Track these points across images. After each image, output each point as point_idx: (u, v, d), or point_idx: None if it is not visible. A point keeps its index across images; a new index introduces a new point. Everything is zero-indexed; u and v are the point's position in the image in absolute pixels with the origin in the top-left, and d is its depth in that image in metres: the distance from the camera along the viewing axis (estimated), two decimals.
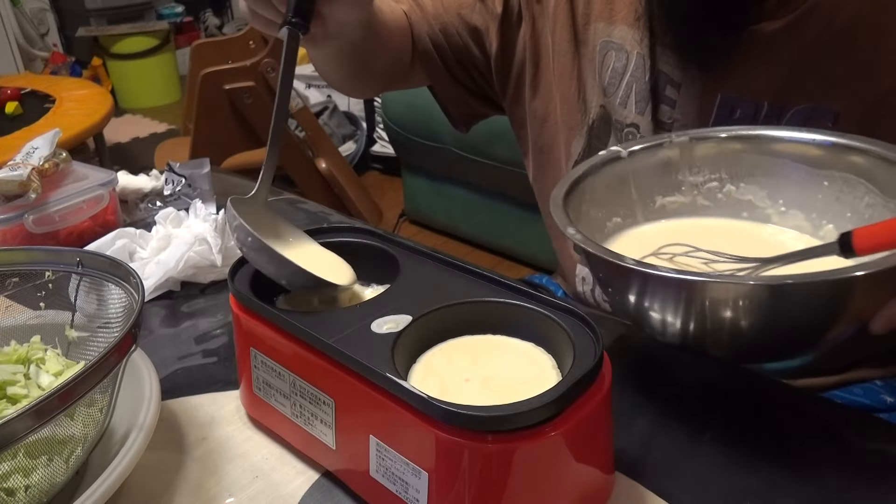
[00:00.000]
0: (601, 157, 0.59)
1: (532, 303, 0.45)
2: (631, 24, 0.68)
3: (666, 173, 0.61)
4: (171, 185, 0.91)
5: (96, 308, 0.52)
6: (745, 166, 0.60)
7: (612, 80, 0.70)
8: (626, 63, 0.69)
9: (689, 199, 0.62)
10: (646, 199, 0.62)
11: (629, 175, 0.61)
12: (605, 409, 0.41)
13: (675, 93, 0.67)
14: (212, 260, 0.72)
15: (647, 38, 0.67)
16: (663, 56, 0.67)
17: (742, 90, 0.63)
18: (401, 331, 0.43)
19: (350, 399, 0.43)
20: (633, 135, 0.70)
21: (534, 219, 2.09)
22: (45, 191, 0.76)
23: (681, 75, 0.66)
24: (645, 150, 0.60)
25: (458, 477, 0.37)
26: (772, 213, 0.60)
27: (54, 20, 4.22)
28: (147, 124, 3.89)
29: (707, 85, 0.65)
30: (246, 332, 0.49)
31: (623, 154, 0.60)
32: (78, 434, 0.43)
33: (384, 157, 3.00)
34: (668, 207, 0.62)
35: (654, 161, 0.61)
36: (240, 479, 0.48)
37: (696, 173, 0.61)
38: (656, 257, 0.55)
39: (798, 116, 0.61)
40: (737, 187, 0.61)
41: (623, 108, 0.70)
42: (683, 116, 0.67)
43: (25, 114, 2.36)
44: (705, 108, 0.65)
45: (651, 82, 0.67)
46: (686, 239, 0.55)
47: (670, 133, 0.61)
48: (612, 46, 0.70)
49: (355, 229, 0.56)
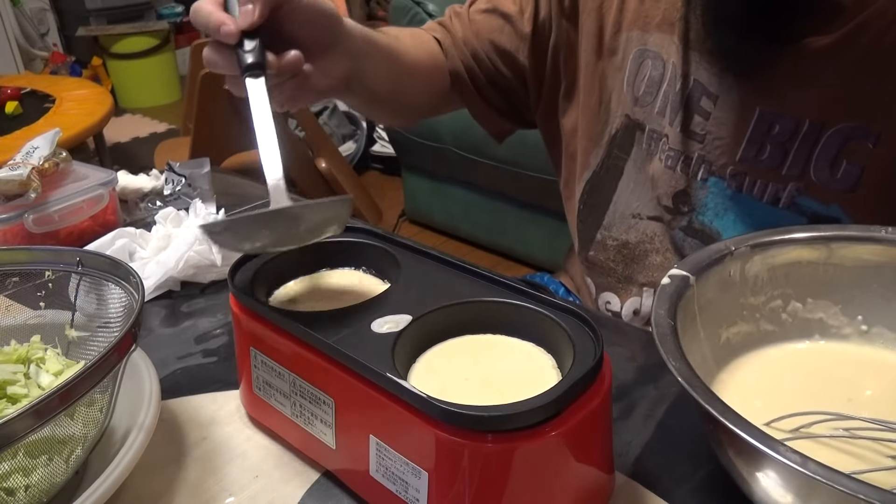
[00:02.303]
0: (670, 287, 0.48)
1: (532, 302, 0.45)
2: (666, 30, 0.67)
3: (726, 295, 0.51)
4: (171, 185, 0.91)
5: (96, 308, 0.52)
6: (810, 278, 0.52)
7: (650, 89, 0.69)
8: (664, 72, 0.67)
9: (753, 327, 0.52)
10: (711, 336, 0.51)
11: (696, 310, 0.49)
12: (606, 409, 0.41)
13: (711, 104, 0.65)
14: (212, 259, 0.72)
15: (681, 46, 0.65)
16: (700, 65, 0.65)
17: (783, 106, 0.61)
18: (401, 331, 0.43)
19: (350, 399, 0.43)
20: (665, 145, 0.68)
21: (534, 219, 2.10)
22: (45, 190, 0.75)
23: (718, 86, 0.64)
24: (707, 267, 0.50)
25: (457, 477, 0.37)
26: (850, 332, 0.52)
27: (54, 20, 4.22)
28: (147, 124, 3.89)
29: (746, 98, 0.62)
30: (246, 331, 0.49)
31: (691, 280, 0.48)
32: (78, 434, 0.43)
33: (384, 157, 3.00)
34: (733, 341, 0.52)
35: (715, 282, 0.50)
36: (240, 479, 0.48)
37: (757, 292, 0.52)
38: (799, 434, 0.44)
39: (837, 136, 0.59)
40: (804, 304, 0.52)
41: (661, 117, 0.68)
42: (717, 129, 0.65)
43: (25, 113, 2.35)
44: (742, 122, 0.63)
45: (683, 92, 0.66)
46: (787, 388, 0.46)
47: (726, 241, 0.52)
48: (649, 55, 0.68)
49: (355, 229, 0.56)
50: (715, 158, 0.65)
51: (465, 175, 2.19)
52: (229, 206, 0.84)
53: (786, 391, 0.48)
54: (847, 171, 0.60)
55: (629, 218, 0.73)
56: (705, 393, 0.38)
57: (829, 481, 0.32)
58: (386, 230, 0.56)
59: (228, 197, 0.92)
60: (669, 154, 0.68)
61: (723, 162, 0.65)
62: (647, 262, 0.73)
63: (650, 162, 0.70)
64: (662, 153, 0.69)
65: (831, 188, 0.61)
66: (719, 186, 0.66)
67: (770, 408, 0.45)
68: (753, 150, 0.63)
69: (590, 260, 0.78)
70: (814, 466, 0.33)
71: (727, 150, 0.64)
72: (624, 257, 0.75)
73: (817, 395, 0.48)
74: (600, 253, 0.77)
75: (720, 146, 0.65)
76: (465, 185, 2.23)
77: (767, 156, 0.62)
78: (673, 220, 0.70)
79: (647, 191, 0.71)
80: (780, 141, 0.62)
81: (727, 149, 0.64)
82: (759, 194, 0.64)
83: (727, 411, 0.36)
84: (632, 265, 0.74)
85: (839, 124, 0.59)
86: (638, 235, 0.73)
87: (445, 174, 2.27)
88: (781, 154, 0.62)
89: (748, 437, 0.35)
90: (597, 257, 0.77)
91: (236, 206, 0.90)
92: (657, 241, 0.72)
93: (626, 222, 0.74)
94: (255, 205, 0.54)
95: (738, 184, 0.65)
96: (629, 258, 0.74)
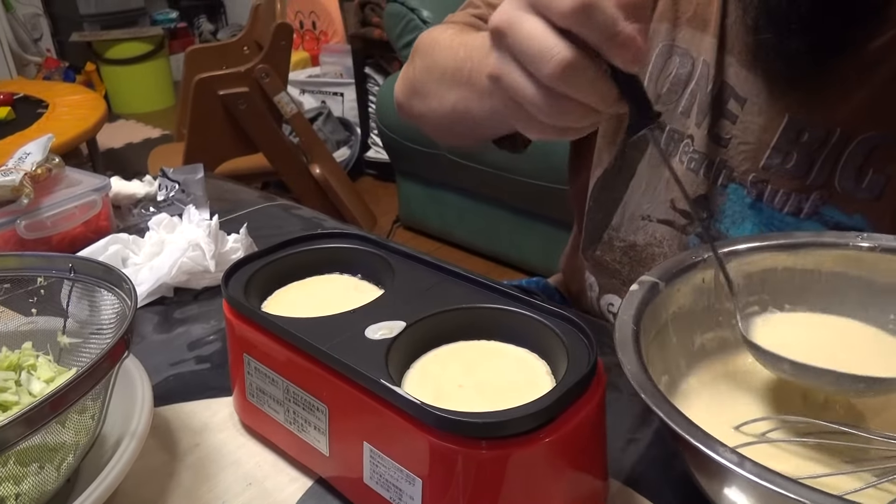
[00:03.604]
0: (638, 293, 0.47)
1: (526, 308, 0.45)
2: (698, 27, 0.64)
3: (700, 301, 0.51)
4: (165, 191, 0.90)
5: (88, 314, 0.52)
6: (788, 284, 0.51)
7: (675, 87, 0.66)
8: (692, 70, 0.65)
9: (730, 332, 0.51)
10: (686, 342, 0.50)
11: (667, 316, 0.49)
12: (600, 416, 0.41)
13: (739, 108, 0.62)
14: (205, 266, 0.72)
15: (715, 45, 0.63)
16: (732, 67, 0.62)
17: (814, 113, 0.59)
18: (395, 337, 0.43)
19: (344, 405, 0.43)
20: (689, 147, 0.66)
21: (528, 224, 2.10)
22: (38, 196, 0.75)
23: (747, 90, 0.62)
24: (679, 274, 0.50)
25: (451, 483, 0.37)
26: None
27: (48, 25, 4.22)
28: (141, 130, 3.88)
29: (775, 104, 0.61)
30: (239, 338, 0.49)
31: (661, 287, 0.49)
32: (69, 441, 0.43)
33: (378, 163, 3.00)
34: (707, 346, 0.51)
35: (688, 289, 0.50)
36: (233, 487, 0.48)
37: (730, 298, 0.50)
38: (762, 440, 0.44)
39: (865, 144, 0.58)
40: (781, 310, 0.52)
41: (685, 117, 0.66)
42: (743, 133, 0.63)
43: (18, 119, 2.35)
44: (769, 129, 0.61)
45: (714, 94, 0.64)
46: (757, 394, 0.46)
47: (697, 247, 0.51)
48: (677, 52, 0.66)
49: (349, 235, 0.56)
50: (737, 164, 0.64)
51: (459, 181, 2.19)
52: (223, 211, 0.84)
53: (757, 397, 0.48)
54: (873, 180, 0.59)
55: (638, 219, 0.72)
56: (655, 397, 0.38)
57: (764, 482, 0.32)
58: (380, 236, 0.56)
59: (222, 203, 0.92)
60: (693, 157, 0.66)
61: (745, 168, 0.64)
62: (655, 265, 0.72)
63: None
64: (685, 155, 0.67)
65: (856, 197, 0.60)
66: (738, 194, 0.65)
67: (740, 413, 0.46)
68: (779, 158, 0.62)
69: (595, 259, 0.78)
70: (750, 466, 0.33)
71: (751, 155, 0.63)
72: (630, 259, 0.74)
73: (788, 400, 0.48)
74: (606, 253, 0.76)
75: (745, 151, 0.63)
76: (460, 190, 2.23)
77: (793, 164, 0.61)
78: (688, 226, 0.69)
79: (660, 192, 0.70)
80: (808, 150, 0.60)
81: (751, 154, 0.63)
82: (780, 204, 0.63)
83: (673, 412, 0.37)
84: (638, 267, 0.74)
85: (868, 133, 0.58)
86: (646, 238, 0.72)
87: (440, 180, 2.28)
88: (808, 163, 0.61)
89: (691, 440, 0.35)
90: (603, 257, 0.77)
91: (230, 212, 0.90)
92: (665, 244, 0.71)
93: (634, 223, 0.72)
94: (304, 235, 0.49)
95: (758, 192, 0.64)
96: (636, 260, 0.74)
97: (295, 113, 2.21)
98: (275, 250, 0.54)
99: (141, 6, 4.28)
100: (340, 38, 3.58)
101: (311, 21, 3.71)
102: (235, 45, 2.48)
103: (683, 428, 0.36)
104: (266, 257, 0.54)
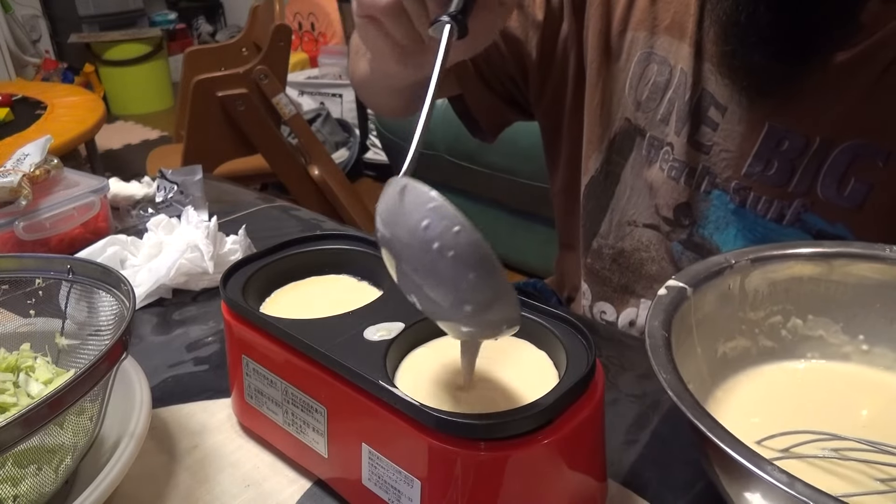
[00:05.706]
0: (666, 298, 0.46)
1: (525, 310, 0.45)
2: (675, 35, 0.64)
3: (725, 309, 0.50)
4: (163, 192, 0.90)
5: (87, 316, 0.52)
6: (812, 294, 0.50)
7: (653, 94, 0.67)
8: (670, 78, 0.65)
9: (751, 342, 0.51)
10: (708, 350, 0.49)
11: (693, 322, 0.48)
12: (598, 417, 0.41)
13: (720, 116, 0.63)
14: (203, 267, 0.72)
15: (692, 53, 0.63)
16: (711, 75, 0.63)
17: (794, 122, 0.60)
18: (393, 338, 0.43)
19: (342, 407, 0.43)
20: (668, 155, 0.66)
21: (527, 226, 2.10)
22: (36, 197, 0.75)
23: (727, 98, 0.62)
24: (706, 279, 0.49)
25: (450, 485, 0.37)
26: (851, 351, 0.50)
27: (46, 26, 4.22)
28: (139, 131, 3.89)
29: (755, 112, 0.61)
30: (238, 339, 0.49)
31: (689, 292, 0.47)
32: (67, 443, 0.43)
33: (377, 164, 3.00)
34: (730, 356, 0.50)
35: (714, 295, 0.49)
36: (231, 488, 0.48)
37: (756, 307, 0.50)
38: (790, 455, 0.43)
39: (846, 153, 0.58)
40: (804, 321, 0.51)
41: (664, 125, 0.67)
42: (724, 141, 0.63)
43: (16, 120, 2.35)
44: (750, 137, 0.62)
45: (693, 102, 0.64)
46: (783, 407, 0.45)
47: (726, 254, 0.51)
48: (655, 59, 0.66)
49: (348, 236, 0.56)
50: (720, 171, 0.64)
51: (458, 182, 2.19)
52: (221, 213, 0.84)
53: (782, 410, 0.48)
54: (855, 189, 0.59)
55: (625, 225, 0.72)
56: (695, 409, 0.37)
57: (816, 503, 0.31)
58: None
59: (221, 204, 0.92)
60: (674, 165, 0.67)
61: (727, 175, 0.64)
62: (644, 271, 0.72)
63: (648, 168, 0.69)
64: (665, 162, 0.67)
65: (838, 206, 0.60)
66: (722, 200, 0.65)
67: (764, 426, 0.45)
68: (760, 165, 0.62)
69: (588, 267, 0.78)
70: (801, 487, 0.32)
71: (733, 163, 0.63)
72: (620, 266, 0.74)
73: (813, 414, 0.47)
74: (597, 262, 0.76)
75: (726, 159, 0.64)
76: (459, 192, 2.23)
77: (774, 171, 0.61)
78: (672, 232, 0.69)
79: (644, 198, 0.70)
80: (788, 157, 0.60)
81: (733, 162, 0.63)
82: (763, 210, 0.63)
83: (716, 428, 0.36)
84: (627, 274, 0.74)
85: (849, 141, 0.58)
86: (633, 243, 0.72)
87: (438, 181, 2.27)
88: (789, 170, 0.61)
89: (736, 455, 0.34)
90: (594, 266, 0.77)
91: (229, 214, 0.90)
92: (653, 249, 0.71)
93: (622, 230, 0.73)
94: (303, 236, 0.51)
95: (741, 198, 0.64)
96: (625, 267, 0.74)
97: (293, 114, 2.21)
98: (273, 252, 0.54)
99: (139, 7, 4.28)
100: (339, 39, 3.59)
101: (310, 22, 3.71)
102: (234, 46, 2.48)
103: (728, 444, 0.34)
104: (264, 259, 0.53)
